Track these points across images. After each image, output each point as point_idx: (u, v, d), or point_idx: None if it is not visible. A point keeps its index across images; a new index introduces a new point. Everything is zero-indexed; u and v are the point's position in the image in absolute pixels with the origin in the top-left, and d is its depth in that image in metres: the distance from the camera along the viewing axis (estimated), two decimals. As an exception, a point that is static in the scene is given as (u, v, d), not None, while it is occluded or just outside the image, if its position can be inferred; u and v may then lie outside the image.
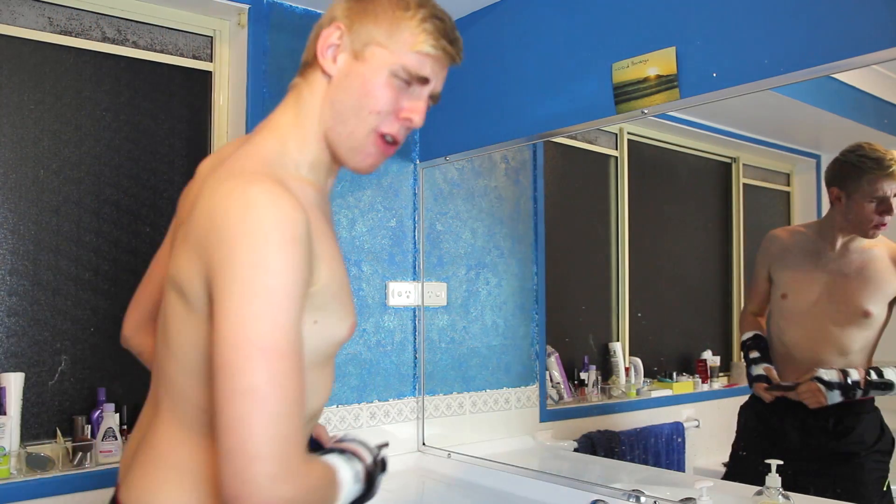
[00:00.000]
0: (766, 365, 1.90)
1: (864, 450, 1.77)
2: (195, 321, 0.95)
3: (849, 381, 1.73)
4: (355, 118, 1.03)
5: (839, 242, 1.83)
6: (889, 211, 1.76)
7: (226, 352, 0.85)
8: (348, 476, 1.04)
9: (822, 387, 1.73)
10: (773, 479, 1.59)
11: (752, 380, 1.91)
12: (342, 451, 1.09)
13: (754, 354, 1.94)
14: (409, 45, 1.02)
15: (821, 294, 1.84)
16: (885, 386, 1.71)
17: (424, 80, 1.04)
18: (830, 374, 1.75)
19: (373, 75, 1.02)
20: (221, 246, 0.87)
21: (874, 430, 1.77)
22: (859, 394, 1.72)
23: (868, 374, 1.73)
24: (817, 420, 1.79)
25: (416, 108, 1.05)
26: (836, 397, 1.73)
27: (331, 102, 1.03)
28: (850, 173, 1.80)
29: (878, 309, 1.74)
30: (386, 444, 1.24)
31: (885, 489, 1.75)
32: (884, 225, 1.77)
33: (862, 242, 1.81)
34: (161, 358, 1.03)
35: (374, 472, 1.13)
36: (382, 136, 1.05)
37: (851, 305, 1.78)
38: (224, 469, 0.83)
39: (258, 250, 0.86)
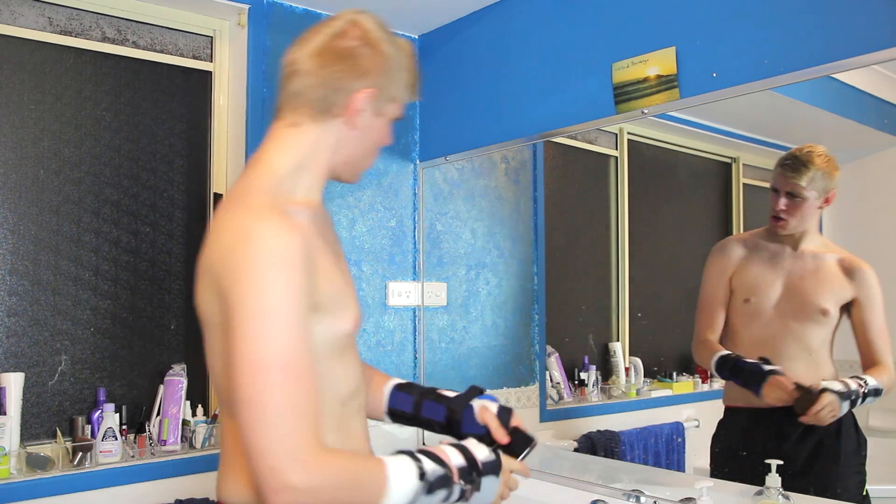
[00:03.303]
0: (779, 368, 1.85)
1: (843, 455, 1.80)
2: (218, 344, 1.08)
3: (851, 390, 1.73)
4: (366, 156, 1.24)
5: (788, 245, 1.90)
6: (776, 202, 1.86)
7: (235, 368, 0.99)
8: (406, 474, 1.06)
9: (837, 399, 1.73)
10: (773, 479, 1.59)
11: (766, 374, 1.84)
12: (419, 453, 1.11)
13: (750, 360, 1.90)
14: (406, 98, 1.23)
15: (781, 294, 1.89)
16: (876, 392, 1.73)
17: None
18: (839, 386, 1.74)
19: (384, 126, 1.22)
20: (231, 276, 1.01)
21: (851, 435, 1.80)
22: (858, 403, 1.73)
23: (861, 383, 1.74)
24: (791, 424, 1.81)
25: (390, 136, 1.26)
26: (846, 408, 1.74)
27: (349, 147, 1.19)
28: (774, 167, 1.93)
29: (833, 309, 1.81)
30: (531, 445, 1.24)
31: (864, 494, 1.77)
32: (776, 217, 1.87)
33: (810, 246, 1.88)
34: (211, 371, 1.16)
35: (468, 477, 1.12)
36: None
37: (811, 303, 1.83)
38: (250, 465, 0.99)
39: (261, 276, 0.99)
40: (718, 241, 2.06)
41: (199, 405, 2.13)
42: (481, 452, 1.16)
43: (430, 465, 1.08)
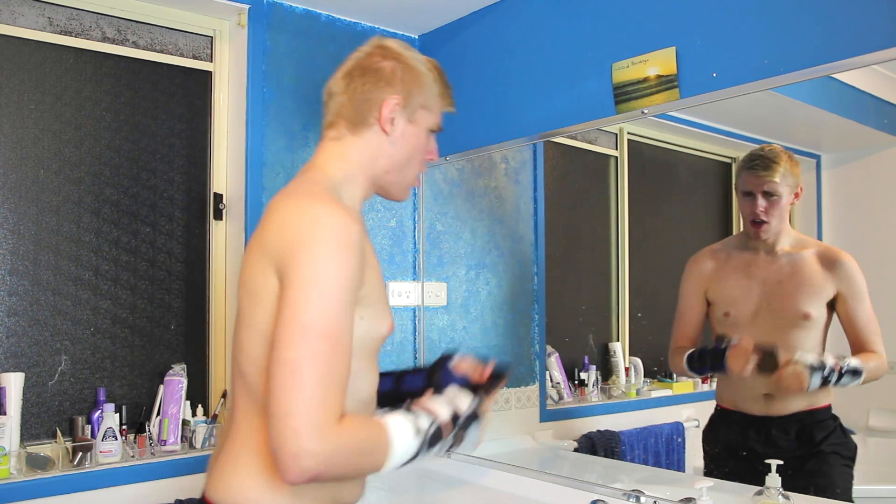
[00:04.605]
0: (735, 338, 1.83)
1: (830, 456, 1.78)
2: (262, 315, 1.12)
3: (826, 366, 1.71)
4: (408, 166, 1.32)
5: (762, 250, 1.85)
6: (753, 206, 1.81)
7: (279, 330, 1.05)
8: (405, 432, 1.14)
9: (806, 371, 1.72)
10: (773, 479, 1.59)
11: (727, 347, 1.81)
12: (411, 410, 1.19)
13: (716, 343, 1.87)
14: (439, 107, 1.33)
15: (760, 304, 1.85)
16: (855, 373, 1.70)
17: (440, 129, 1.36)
18: (812, 358, 1.73)
19: (420, 134, 1.31)
20: (292, 251, 1.08)
21: (837, 437, 1.79)
22: (834, 379, 1.71)
23: (840, 360, 1.72)
24: (781, 430, 1.82)
25: (435, 150, 1.37)
26: (816, 382, 1.72)
27: (388, 156, 1.29)
28: (736, 172, 1.88)
29: (816, 311, 1.77)
30: (498, 378, 1.37)
31: (851, 498, 1.75)
32: (757, 222, 1.82)
33: (785, 246, 1.83)
34: (237, 357, 1.20)
35: (451, 427, 1.21)
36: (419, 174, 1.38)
37: (792, 309, 1.80)
38: (270, 425, 1.02)
39: (319, 251, 1.07)
40: (693, 255, 2.03)
41: (199, 405, 2.13)
42: (463, 402, 1.26)
43: (424, 422, 1.17)
